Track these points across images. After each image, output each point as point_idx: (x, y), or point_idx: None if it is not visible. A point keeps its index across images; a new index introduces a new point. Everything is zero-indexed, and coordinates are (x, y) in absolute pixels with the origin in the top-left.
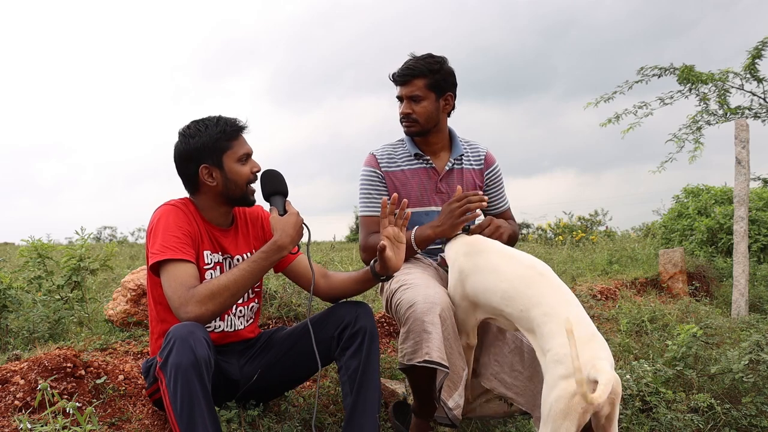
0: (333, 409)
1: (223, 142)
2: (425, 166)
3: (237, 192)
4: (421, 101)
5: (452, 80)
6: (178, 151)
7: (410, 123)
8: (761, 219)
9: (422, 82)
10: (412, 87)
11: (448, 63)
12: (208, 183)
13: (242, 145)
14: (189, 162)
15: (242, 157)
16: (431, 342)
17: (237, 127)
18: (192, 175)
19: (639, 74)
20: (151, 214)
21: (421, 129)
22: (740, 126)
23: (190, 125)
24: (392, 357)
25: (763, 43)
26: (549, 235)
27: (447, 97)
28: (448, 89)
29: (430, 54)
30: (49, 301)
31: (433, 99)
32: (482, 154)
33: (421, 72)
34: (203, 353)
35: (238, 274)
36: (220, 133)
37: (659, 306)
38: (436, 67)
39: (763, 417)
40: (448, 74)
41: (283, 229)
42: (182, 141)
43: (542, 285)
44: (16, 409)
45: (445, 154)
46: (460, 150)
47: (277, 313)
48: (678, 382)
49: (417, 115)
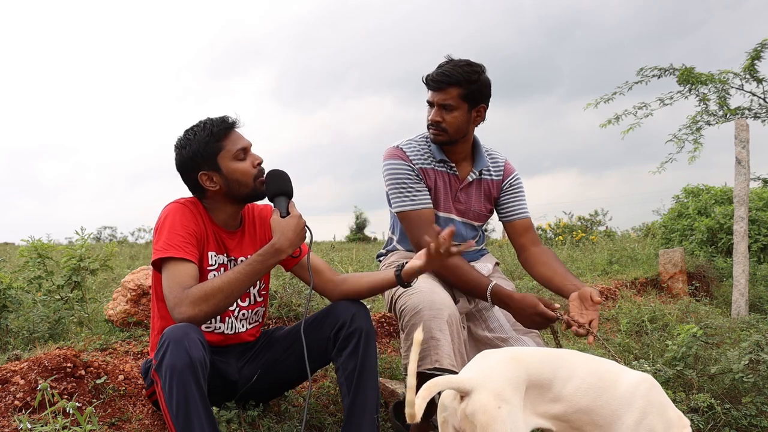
0: (333, 409)
1: (213, 144)
2: (449, 172)
3: (244, 190)
4: (453, 111)
5: (487, 92)
6: (176, 164)
7: (438, 132)
8: (761, 219)
9: (457, 91)
10: (446, 95)
11: (486, 73)
12: (211, 188)
13: (235, 142)
14: (188, 172)
15: (238, 154)
16: (441, 349)
17: (225, 126)
18: (195, 184)
19: (639, 75)
20: (160, 211)
21: (449, 139)
22: (740, 126)
23: (181, 136)
24: (392, 357)
25: (762, 45)
26: (549, 235)
27: (479, 109)
28: (482, 101)
29: (468, 61)
30: (49, 301)
31: (465, 110)
32: (501, 164)
33: (457, 80)
34: (198, 355)
35: (233, 276)
36: (208, 137)
37: (659, 306)
38: (474, 77)
39: (763, 417)
40: (485, 86)
41: (283, 233)
42: (177, 154)
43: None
44: (16, 409)
45: (467, 163)
46: (484, 163)
47: (277, 313)
48: (678, 382)
49: (447, 124)
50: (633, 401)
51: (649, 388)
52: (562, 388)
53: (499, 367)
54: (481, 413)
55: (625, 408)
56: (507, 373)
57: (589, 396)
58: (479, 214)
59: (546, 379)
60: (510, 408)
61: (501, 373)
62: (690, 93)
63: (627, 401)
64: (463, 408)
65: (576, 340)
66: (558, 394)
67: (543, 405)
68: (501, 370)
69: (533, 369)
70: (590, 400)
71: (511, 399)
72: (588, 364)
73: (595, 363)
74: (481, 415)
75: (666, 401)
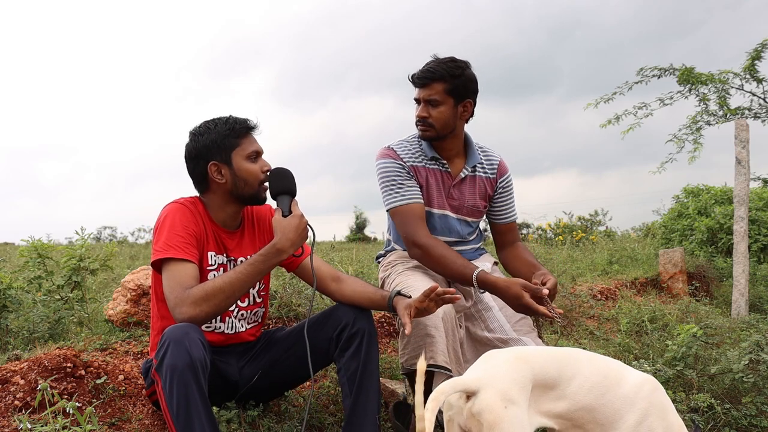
0: (333, 409)
1: (231, 139)
2: (441, 169)
3: (248, 191)
4: (439, 106)
5: (473, 87)
6: (188, 149)
7: (425, 127)
8: (761, 219)
9: (441, 86)
10: (431, 90)
11: (471, 69)
12: (218, 180)
13: (251, 144)
14: (198, 160)
15: (251, 155)
16: (435, 346)
17: (246, 126)
18: (201, 173)
19: (639, 75)
20: (159, 211)
21: (436, 134)
22: (740, 126)
23: (200, 124)
24: (392, 357)
25: (762, 45)
26: (549, 235)
27: (466, 104)
28: (468, 96)
29: (452, 58)
30: (49, 301)
31: (451, 105)
32: (496, 162)
33: (441, 76)
34: (198, 354)
35: (234, 276)
36: (228, 131)
37: (659, 306)
38: (457, 72)
39: (763, 417)
40: (469, 80)
41: (284, 232)
42: (192, 139)
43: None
44: (16, 409)
45: (459, 160)
46: (476, 159)
47: (277, 313)
48: (678, 382)
49: (433, 119)
50: (635, 402)
51: (652, 390)
52: (567, 386)
53: (506, 366)
54: (488, 413)
55: (627, 408)
56: (513, 372)
57: (593, 394)
58: (473, 210)
59: (551, 378)
60: (516, 408)
61: (507, 373)
62: (690, 93)
63: (630, 401)
64: (469, 407)
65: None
66: (562, 392)
67: (547, 403)
68: (507, 370)
69: (539, 368)
70: (593, 399)
71: (517, 399)
72: (593, 363)
73: (599, 362)
74: (488, 414)
75: (668, 405)
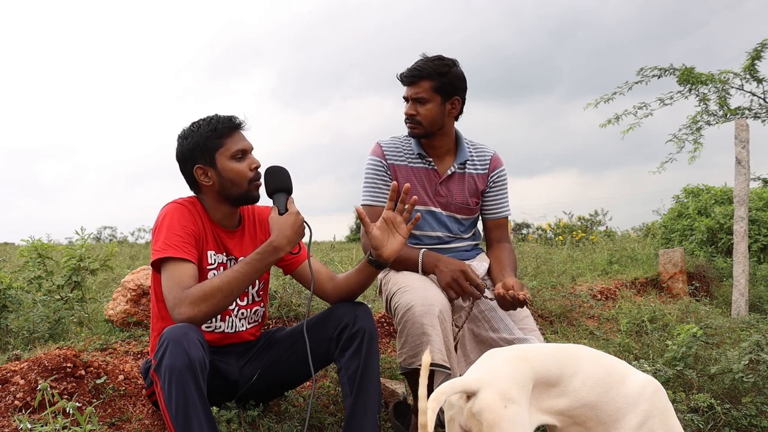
0: (333, 409)
1: (214, 140)
2: (427, 166)
3: (236, 190)
4: (426, 103)
5: (461, 84)
6: (176, 153)
7: (414, 125)
8: (761, 219)
9: (429, 84)
10: (418, 88)
11: (459, 66)
12: (204, 183)
13: (236, 142)
14: (185, 163)
15: (236, 154)
16: (432, 344)
17: (229, 125)
18: (190, 176)
19: (639, 75)
20: (158, 211)
21: (425, 132)
22: (740, 126)
23: (186, 127)
24: (392, 357)
25: (762, 45)
26: (549, 235)
27: (454, 101)
28: (456, 93)
29: (440, 56)
30: (49, 301)
31: (439, 102)
32: (488, 156)
33: (428, 74)
34: (197, 355)
35: (231, 275)
36: (211, 132)
37: (659, 306)
38: (444, 69)
39: (763, 417)
40: (457, 78)
41: (280, 230)
42: (179, 144)
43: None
44: (16, 409)
45: (449, 158)
46: (465, 156)
47: (277, 313)
48: (678, 382)
49: (421, 117)
50: (638, 402)
51: (654, 392)
52: (569, 382)
53: (506, 365)
54: (488, 412)
55: (629, 408)
56: (513, 372)
57: (595, 391)
58: (463, 207)
59: (553, 375)
60: (516, 407)
61: (507, 372)
62: (690, 93)
63: (632, 401)
64: (469, 407)
65: (578, 337)
66: (564, 389)
67: (548, 400)
68: (507, 369)
69: (539, 366)
70: (596, 396)
71: (517, 398)
72: (596, 360)
73: (603, 359)
74: (488, 414)
75: (669, 408)
